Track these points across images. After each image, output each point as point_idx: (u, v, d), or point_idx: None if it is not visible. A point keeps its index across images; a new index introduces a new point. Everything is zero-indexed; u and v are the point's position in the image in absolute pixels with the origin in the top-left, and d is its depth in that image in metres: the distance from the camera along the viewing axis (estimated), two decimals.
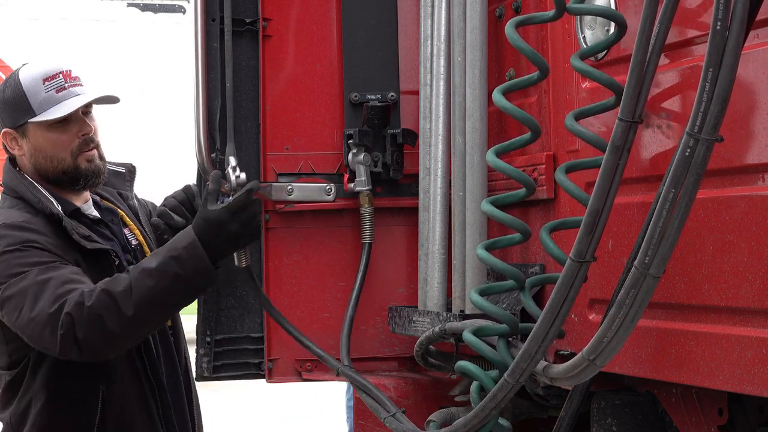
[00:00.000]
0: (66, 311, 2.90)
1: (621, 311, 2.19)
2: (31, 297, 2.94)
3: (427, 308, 3.14)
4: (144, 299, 2.91)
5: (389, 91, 3.38)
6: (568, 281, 2.28)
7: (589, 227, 2.24)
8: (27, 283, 2.96)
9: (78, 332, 2.89)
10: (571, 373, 2.34)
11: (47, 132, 3.15)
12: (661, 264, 2.13)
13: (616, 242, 2.53)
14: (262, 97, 3.36)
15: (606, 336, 2.22)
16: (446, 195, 3.15)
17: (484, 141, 2.98)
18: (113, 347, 2.97)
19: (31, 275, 2.96)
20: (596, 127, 2.63)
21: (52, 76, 3.14)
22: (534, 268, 2.91)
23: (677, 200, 2.08)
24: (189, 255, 2.95)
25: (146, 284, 2.93)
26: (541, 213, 2.92)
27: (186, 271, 2.94)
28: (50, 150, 3.15)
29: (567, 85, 2.78)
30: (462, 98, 3.02)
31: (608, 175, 2.22)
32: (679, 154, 2.06)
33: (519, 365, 2.40)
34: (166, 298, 2.94)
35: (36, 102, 3.12)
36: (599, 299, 2.63)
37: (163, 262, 2.94)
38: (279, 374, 3.40)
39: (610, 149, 2.21)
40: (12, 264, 2.99)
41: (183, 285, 2.95)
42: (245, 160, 3.34)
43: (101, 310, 2.89)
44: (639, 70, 2.18)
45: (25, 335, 2.98)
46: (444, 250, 3.14)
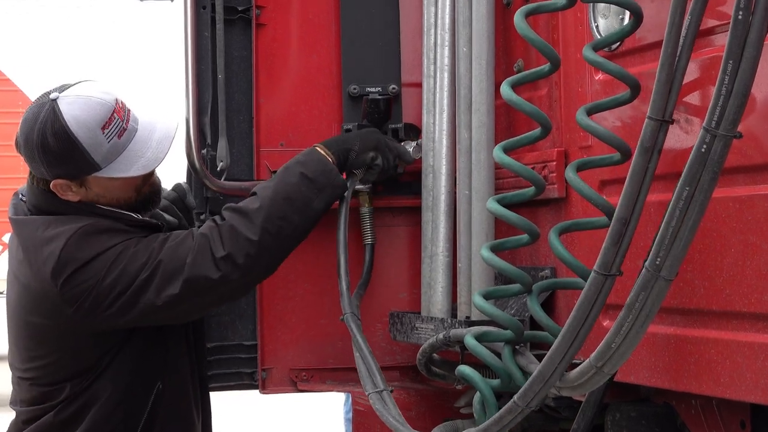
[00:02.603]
0: (199, 233, 2.98)
1: (630, 315, 2.19)
2: (142, 257, 2.95)
3: (430, 314, 3.14)
4: (272, 197, 3.01)
5: (390, 84, 3.38)
6: (591, 297, 2.26)
7: (616, 237, 2.23)
8: (131, 254, 2.95)
9: (215, 248, 2.95)
10: (578, 382, 2.34)
11: (112, 180, 3.01)
12: (673, 266, 2.13)
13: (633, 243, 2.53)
14: (255, 90, 3.37)
15: (614, 341, 2.22)
16: (451, 194, 3.16)
17: (491, 136, 2.99)
18: (261, 255, 2.99)
19: (129, 250, 2.96)
20: (610, 123, 2.63)
21: (109, 120, 2.96)
22: (544, 272, 2.91)
23: (692, 199, 2.08)
24: (310, 158, 3.09)
25: (269, 186, 3.05)
26: (552, 213, 2.92)
27: (309, 170, 3.05)
28: (115, 195, 3.05)
29: (579, 78, 2.79)
30: (467, 91, 3.03)
31: (637, 180, 2.21)
32: (694, 151, 2.06)
33: (532, 388, 2.38)
34: (295, 194, 3.02)
35: (100, 155, 2.96)
36: (615, 304, 2.63)
37: (284, 168, 3.09)
38: (273, 385, 3.41)
39: (639, 151, 2.20)
40: (101, 266, 2.95)
41: (309, 183, 3.04)
42: (237, 156, 3.35)
43: (234, 221, 2.98)
44: (669, 65, 2.17)
45: (147, 294, 2.93)
46: (448, 252, 3.15)
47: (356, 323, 3.11)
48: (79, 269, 2.93)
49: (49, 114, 2.96)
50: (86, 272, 2.93)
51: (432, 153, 3.20)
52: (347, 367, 3.39)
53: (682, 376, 2.43)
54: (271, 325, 3.39)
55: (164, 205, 3.26)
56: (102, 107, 2.96)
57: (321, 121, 3.40)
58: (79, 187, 3.03)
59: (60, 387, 3.05)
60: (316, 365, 3.41)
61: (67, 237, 2.95)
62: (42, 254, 2.96)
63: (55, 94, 2.98)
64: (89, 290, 2.93)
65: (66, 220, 3.00)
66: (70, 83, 3.05)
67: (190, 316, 3.10)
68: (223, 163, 3.29)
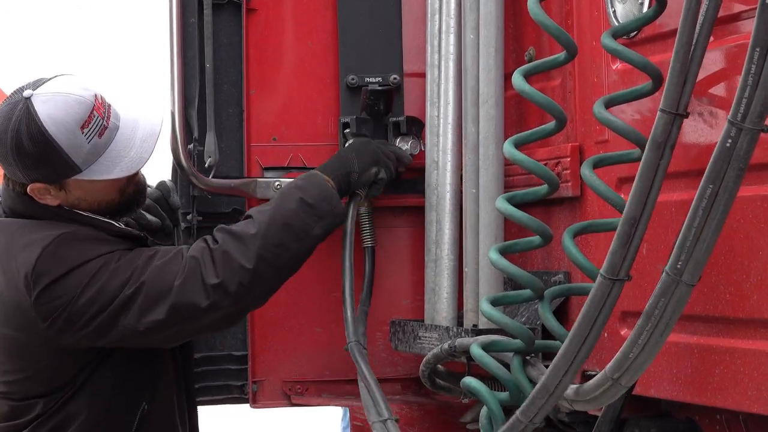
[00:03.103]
0: (189, 255, 2.95)
1: (649, 323, 2.18)
2: (125, 274, 2.93)
3: (434, 322, 3.14)
4: (269, 222, 2.99)
5: (391, 73, 3.38)
6: (598, 303, 2.26)
7: (624, 238, 2.23)
8: (111, 270, 2.93)
9: (206, 274, 2.93)
10: (593, 395, 2.34)
11: (93, 182, 2.98)
12: (695, 270, 2.13)
13: (653, 246, 2.53)
14: (246, 81, 3.37)
15: (632, 352, 2.22)
16: (457, 192, 3.16)
17: (500, 130, 2.99)
18: (255, 285, 2.96)
19: (110, 265, 2.94)
20: (629, 116, 2.63)
21: (88, 118, 2.91)
22: (557, 277, 2.91)
23: (716, 198, 2.08)
24: (310, 183, 3.09)
25: (266, 210, 3.03)
26: (566, 213, 2.92)
27: (309, 195, 3.04)
28: (97, 197, 3.03)
29: (595, 67, 2.79)
30: (475, 81, 3.02)
31: (648, 177, 2.20)
32: (718, 146, 2.06)
33: (534, 402, 2.38)
34: (293, 221, 3.01)
35: (80, 157, 2.92)
36: (633, 312, 2.63)
37: (281, 193, 3.08)
38: (265, 398, 3.41)
39: (650, 146, 2.20)
40: (78, 280, 2.93)
41: (308, 209, 3.03)
42: (226, 151, 3.35)
43: (228, 247, 2.95)
44: (684, 54, 2.16)
45: (126, 316, 2.91)
46: (454, 255, 3.15)
47: (361, 353, 3.12)
48: (54, 282, 2.90)
49: (23, 113, 2.91)
50: (62, 286, 2.91)
51: (437, 148, 3.20)
52: (345, 379, 3.39)
53: (706, 388, 2.42)
54: (263, 334, 3.39)
55: (147, 204, 3.25)
56: (80, 105, 2.92)
57: (317, 114, 3.40)
58: (59, 191, 3.00)
59: (32, 403, 3.04)
60: (311, 377, 3.41)
61: (44, 246, 2.93)
62: (16, 262, 2.94)
63: (29, 92, 2.92)
64: (64, 306, 2.90)
65: (43, 225, 2.98)
66: (44, 78, 3.00)
67: (171, 342, 3.07)
68: (211, 159, 3.29)
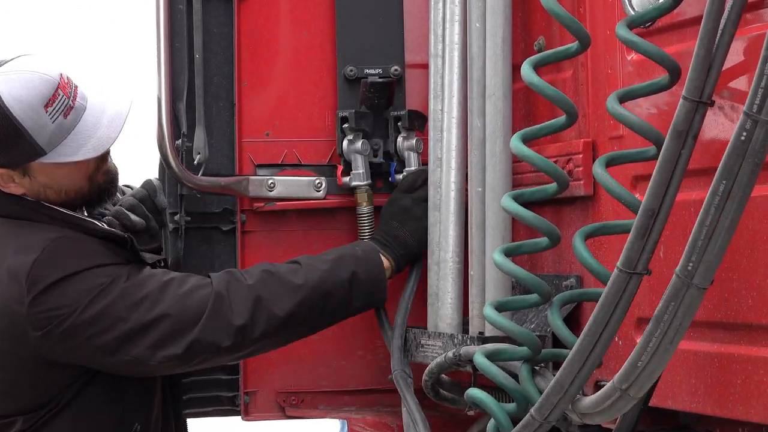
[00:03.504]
0: (215, 290, 2.96)
1: (658, 329, 2.18)
2: (136, 297, 2.93)
3: (438, 329, 3.14)
4: (316, 283, 3.03)
5: (392, 64, 3.38)
6: (614, 297, 2.27)
7: (642, 230, 2.23)
8: (120, 289, 2.93)
9: (231, 314, 2.94)
10: (601, 407, 2.34)
11: (59, 167, 3.01)
12: (707, 272, 2.12)
13: (670, 248, 2.53)
14: (238, 72, 3.37)
15: (640, 360, 2.21)
16: (462, 191, 3.15)
17: (507, 125, 2.98)
18: (266, 338, 3.00)
19: (119, 283, 2.94)
20: (645, 110, 2.63)
21: (52, 97, 2.93)
22: (569, 281, 2.91)
23: (729, 195, 2.07)
24: (370, 259, 3.13)
25: (318, 267, 3.06)
26: (578, 213, 2.92)
27: (363, 272, 3.09)
28: (64, 184, 3.04)
29: (609, 58, 2.78)
30: (481, 73, 3.02)
31: (668, 167, 2.20)
32: (733, 140, 2.05)
33: (549, 399, 2.39)
34: (338, 292, 3.06)
35: (43, 138, 2.94)
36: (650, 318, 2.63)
37: (339, 256, 3.10)
38: (258, 410, 3.40)
39: (671, 135, 2.20)
40: (79, 288, 2.92)
41: (357, 285, 3.08)
42: (217, 148, 3.34)
43: (263, 290, 2.98)
44: (710, 39, 2.16)
45: (135, 346, 2.92)
46: (459, 258, 3.14)
47: (407, 383, 3.13)
48: (51, 287, 2.90)
49: None
50: (61, 293, 2.91)
51: (440, 144, 3.20)
52: (343, 390, 3.39)
53: (727, 400, 2.42)
54: None
55: (131, 203, 3.25)
56: (44, 83, 2.94)
57: (313, 108, 3.39)
58: (22, 177, 3.01)
59: (11, 421, 3.03)
60: (307, 388, 3.41)
61: (41, 249, 2.93)
62: (7, 266, 2.94)
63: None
64: (64, 317, 2.90)
65: (34, 229, 2.99)
66: (6, 59, 3.02)
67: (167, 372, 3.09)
68: (201, 156, 3.29)
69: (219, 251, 3.37)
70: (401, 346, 3.21)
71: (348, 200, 3.36)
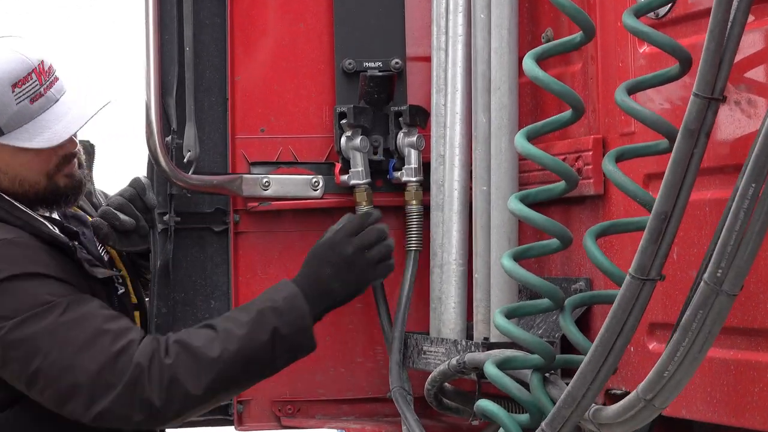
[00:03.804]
0: (136, 360, 2.89)
1: (686, 338, 2.18)
2: (65, 337, 2.90)
3: (441, 335, 3.14)
4: (234, 354, 2.94)
5: (393, 57, 3.38)
6: (627, 305, 2.27)
7: (655, 234, 2.23)
8: (52, 321, 2.90)
9: (147, 390, 2.89)
10: (623, 417, 2.34)
11: (16, 154, 3.04)
12: (737, 278, 2.13)
13: (684, 250, 2.53)
14: (230, 66, 3.36)
15: (667, 369, 2.22)
16: (466, 190, 3.15)
17: (514, 121, 2.98)
18: (182, 415, 2.98)
19: (54, 312, 2.91)
20: (657, 104, 2.63)
21: (23, 78, 2.99)
22: (578, 284, 2.91)
23: (759, 198, 2.08)
24: (291, 309, 2.99)
25: (235, 333, 2.95)
26: (588, 213, 2.92)
27: (286, 326, 2.97)
28: (19, 172, 3.06)
29: (620, 50, 2.78)
30: (486, 66, 3.02)
31: (680, 168, 2.21)
32: (761, 138, 2.06)
33: (560, 412, 2.39)
34: (261, 356, 2.96)
35: (3, 117, 2.99)
36: (662, 323, 2.63)
37: (259, 312, 2.98)
38: (252, 420, 3.40)
39: (683, 134, 2.20)
40: (20, 296, 2.92)
41: (281, 342, 2.97)
42: (209, 144, 3.34)
43: (179, 369, 2.91)
44: (720, 33, 2.16)
45: (47, 388, 2.91)
46: (463, 260, 3.14)
47: (406, 401, 3.13)
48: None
49: None
50: None
51: (443, 141, 3.20)
52: (341, 399, 3.39)
53: (744, 409, 2.42)
54: None
55: (119, 202, 3.25)
56: (19, 63, 3.00)
57: (309, 103, 3.39)
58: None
59: None
60: (303, 396, 3.41)
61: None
62: None
63: None
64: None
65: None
66: (6, 35, 3.09)
67: None
68: (191, 154, 3.29)
69: (211, 253, 3.37)
70: (399, 360, 3.21)
71: (346, 200, 3.36)
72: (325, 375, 3.38)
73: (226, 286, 3.38)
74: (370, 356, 3.40)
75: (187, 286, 3.37)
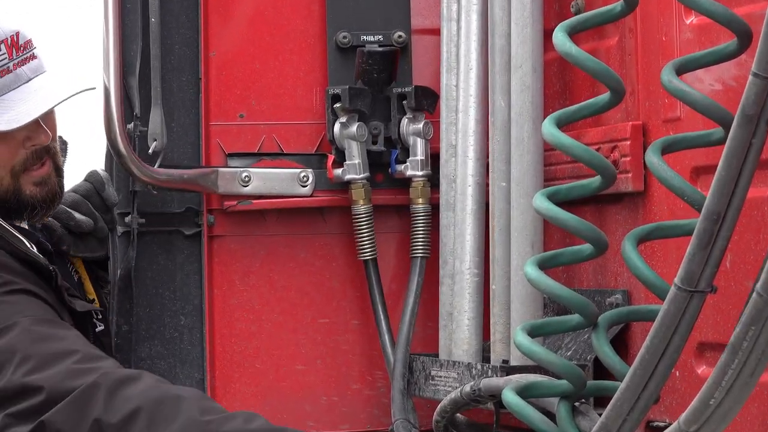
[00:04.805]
0: None
1: (735, 359, 2.18)
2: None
3: (452, 357, 3.15)
4: None
5: (395, 30, 3.39)
6: (671, 321, 2.26)
7: (705, 238, 2.23)
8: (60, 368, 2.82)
9: None
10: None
11: None
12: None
13: (739, 256, 2.53)
14: (204, 40, 3.37)
15: (713, 397, 2.21)
16: (482, 186, 3.16)
17: (538, 105, 2.99)
18: None
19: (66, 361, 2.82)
20: (707, 85, 2.63)
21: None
22: (614, 297, 2.91)
23: None
24: None
25: None
26: (625, 214, 2.92)
27: None
28: None
29: (663, 22, 2.79)
30: (505, 41, 3.03)
31: (736, 161, 2.20)
32: None
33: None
34: None
35: None
36: (713, 343, 2.63)
37: None
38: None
39: (739, 120, 2.19)
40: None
41: None
42: (178, 132, 3.35)
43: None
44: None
45: None
46: (478, 269, 3.15)
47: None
48: None
49: None
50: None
51: (455, 129, 3.20)
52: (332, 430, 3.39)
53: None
54: (227, 374, 3.40)
55: (73, 199, 3.24)
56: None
57: (297, 84, 3.40)
58: None
59: None
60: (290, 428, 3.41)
61: None
62: None
63: None
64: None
65: None
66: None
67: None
68: (158, 143, 3.29)
69: (180, 261, 3.38)
70: (403, 388, 3.21)
71: (340, 198, 3.37)
72: (316, 405, 3.39)
73: (199, 300, 3.39)
74: (367, 383, 3.41)
75: (152, 299, 3.37)
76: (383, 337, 3.34)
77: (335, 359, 3.37)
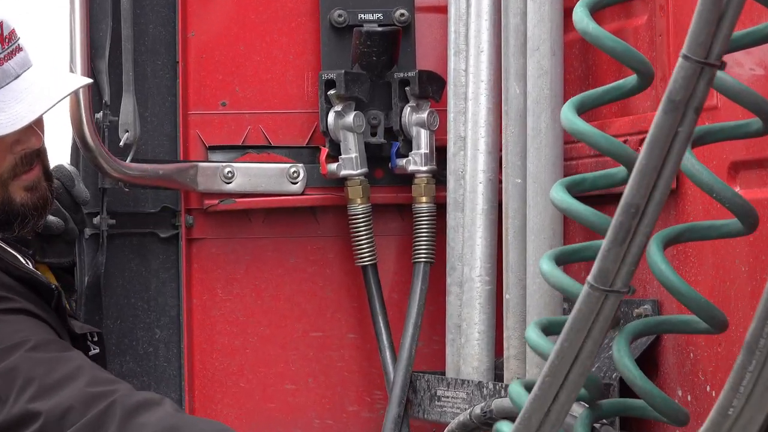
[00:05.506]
0: None
1: (753, 360, 2.17)
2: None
3: (461, 375, 3.16)
4: None
5: (396, 7, 3.39)
6: (584, 323, 2.24)
7: (622, 234, 2.22)
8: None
9: None
10: None
11: None
12: None
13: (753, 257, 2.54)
14: (181, 19, 3.38)
15: (732, 405, 2.21)
16: (494, 184, 3.17)
17: (557, 91, 2.99)
18: None
19: None
20: (747, 69, 2.63)
21: None
22: (643, 307, 2.92)
23: None
24: None
25: None
26: None
27: None
28: None
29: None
30: (520, 19, 3.03)
31: (658, 150, 2.18)
32: None
33: None
34: None
35: None
36: None
37: None
38: None
39: (665, 107, 2.12)
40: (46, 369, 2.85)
41: None
42: (153, 123, 3.36)
43: None
44: None
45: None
46: (490, 276, 3.16)
47: None
48: None
49: None
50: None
51: (464, 118, 3.21)
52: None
53: None
54: (207, 394, 3.41)
55: None
56: None
57: (286, 68, 3.42)
58: None
59: None
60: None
61: None
62: None
63: None
64: None
65: None
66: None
67: None
68: (130, 135, 3.30)
69: (156, 267, 3.39)
70: (398, 416, 3.24)
71: (335, 196, 3.38)
72: (307, 428, 3.40)
73: (176, 311, 3.41)
74: (366, 404, 3.42)
75: (124, 310, 3.39)
76: (383, 353, 3.34)
77: (329, 377, 3.38)
